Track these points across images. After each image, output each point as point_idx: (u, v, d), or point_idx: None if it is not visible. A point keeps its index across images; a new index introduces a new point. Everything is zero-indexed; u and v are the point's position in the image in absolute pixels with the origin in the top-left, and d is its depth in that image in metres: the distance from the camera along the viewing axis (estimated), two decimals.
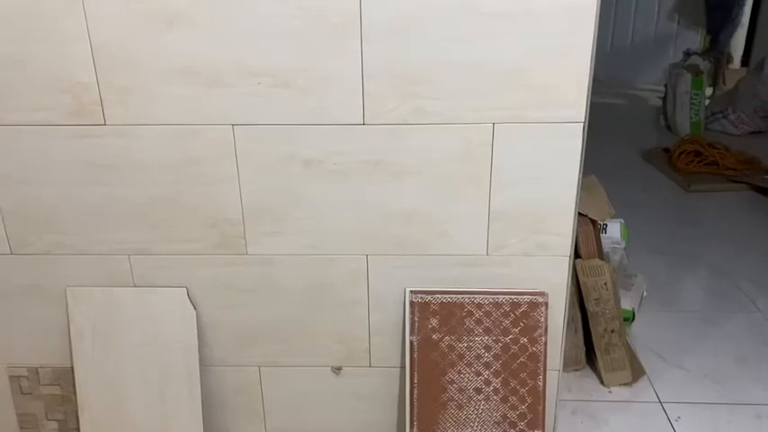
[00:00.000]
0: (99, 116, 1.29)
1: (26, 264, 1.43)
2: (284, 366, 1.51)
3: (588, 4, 1.18)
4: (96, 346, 1.46)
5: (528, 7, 1.18)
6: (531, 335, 1.39)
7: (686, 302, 2.28)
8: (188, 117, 1.29)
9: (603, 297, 1.78)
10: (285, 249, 1.40)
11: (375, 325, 1.46)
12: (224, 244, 1.39)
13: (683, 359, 1.95)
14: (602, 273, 1.77)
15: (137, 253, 1.41)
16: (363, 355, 1.49)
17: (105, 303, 1.44)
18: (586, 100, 1.25)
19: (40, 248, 1.41)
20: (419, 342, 1.41)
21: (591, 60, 1.22)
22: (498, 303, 1.38)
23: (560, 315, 1.42)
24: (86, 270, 1.43)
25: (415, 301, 1.39)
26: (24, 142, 1.32)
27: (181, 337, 1.44)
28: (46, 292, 1.45)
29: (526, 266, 1.38)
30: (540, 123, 1.27)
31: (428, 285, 1.40)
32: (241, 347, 1.49)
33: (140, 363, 1.47)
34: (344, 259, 1.41)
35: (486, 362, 1.41)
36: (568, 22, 1.19)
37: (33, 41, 1.24)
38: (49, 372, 1.52)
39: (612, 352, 1.81)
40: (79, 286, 1.44)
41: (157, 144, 1.31)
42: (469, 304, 1.38)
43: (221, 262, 1.41)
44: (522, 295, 1.38)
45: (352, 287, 1.43)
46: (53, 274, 1.44)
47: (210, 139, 1.31)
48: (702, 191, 3.21)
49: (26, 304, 1.47)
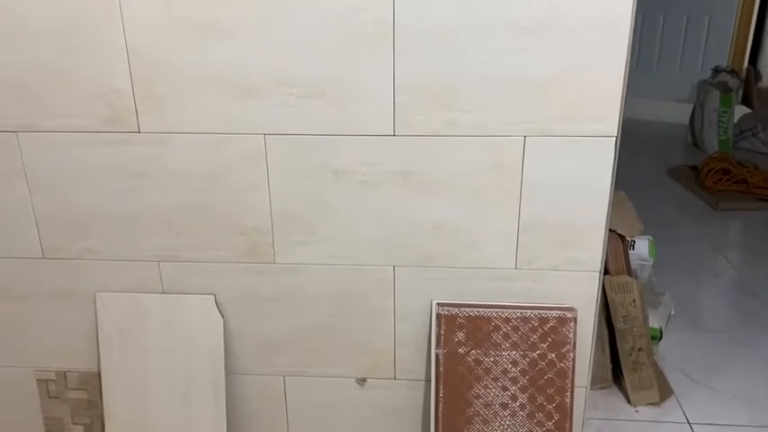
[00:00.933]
0: (133, 123, 1.31)
1: (57, 268, 1.45)
2: (309, 376, 1.50)
3: (622, 19, 1.17)
4: (123, 352, 1.47)
5: (562, 21, 1.18)
6: (558, 350, 1.37)
7: (715, 321, 2.24)
8: (220, 126, 1.30)
9: (632, 314, 1.75)
10: (313, 259, 1.40)
11: (401, 337, 1.45)
12: (252, 252, 1.40)
13: (712, 379, 1.91)
14: (631, 290, 1.75)
15: (166, 260, 1.42)
16: (388, 367, 1.48)
17: (134, 309, 1.45)
18: (619, 114, 1.25)
19: (71, 253, 1.43)
20: (445, 355, 1.40)
21: (624, 74, 1.22)
22: (526, 318, 1.37)
23: (589, 331, 1.40)
24: (116, 276, 1.44)
25: (441, 313, 1.38)
26: (59, 148, 1.34)
27: (208, 344, 1.45)
28: (76, 297, 1.47)
29: (555, 281, 1.37)
30: (572, 137, 1.26)
31: (455, 298, 1.39)
32: (267, 356, 1.49)
33: (167, 369, 1.47)
34: (372, 270, 1.40)
35: (512, 377, 1.39)
36: (602, 36, 1.19)
37: (70, 49, 1.26)
38: (77, 376, 1.54)
39: (640, 370, 1.79)
40: (108, 292, 1.45)
41: (190, 152, 1.33)
42: (497, 318, 1.37)
43: (250, 270, 1.42)
44: (551, 310, 1.36)
45: (378, 298, 1.43)
46: (83, 279, 1.45)
47: (242, 147, 1.32)
48: (731, 209, 3.17)
49: (56, 308, 1.49)
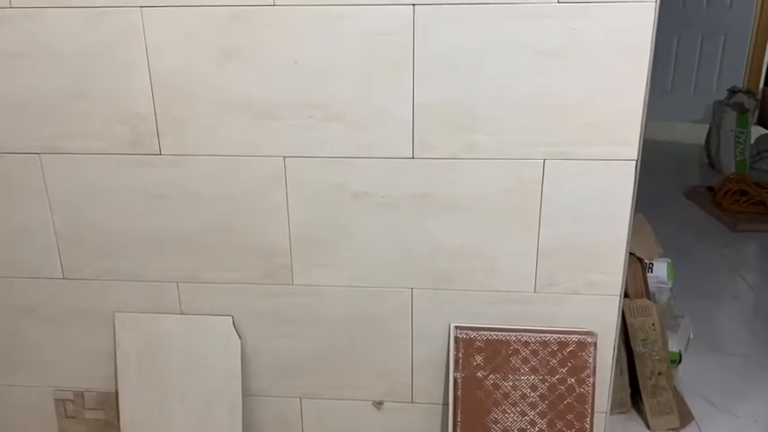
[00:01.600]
0: (155, 146, 1.32)
1: (77, 288, 1.46)
2: (326, 399, 1.50)
3: (643, 45, 1.18)
4: (141, 372, 1.48)
5: (583, 46, 1.18)
6: (578, 375, 1.36)
7: (735, 345, 2.21)
8: (241, 148, 1.31)
9: (651, 338, 1.73)
10: (331, 281, 1.40)
11: (418, 360, 1.45)
12: (271, 274, 1.40)
13: (733, 404, 1.88)
14: (650, 313, 1.73)
15: (185, 280, 1.43)
16: (405, 390, 1.47)
17: (152, 330, 1.45)
18: (639, 138, 1.24)
19: (91, 274, 1.44)
20: (463, 379, 1.39)
21: (645, 98, 1.22)
22: (545, 342, 1.36)
23: (609, 356, 1.39)
24: (135, 296, 1.45)
25: (460, 336, 1.38)
26: (82, 170, 1.36)
27: (225, 365, 1.45)
28: (94, 317, 1.48)
29: (575, 305, 1.36)
30: (592, 160, 1.26)
31: (474, 321, 1.39)
32: (283, 378, 1.49)
33: (184, 390, 1.47)
34: (390, 292, 1.40)
35: (531, 402, 1.38)
36: (623, 61, 1.19)
37: (95, 73, 1.28)
38: (94, 396, 1.54)
39: (659, 395, 1.76)
40: (127, 312, 1.46)
41: (210, 174, 1.34)
42: (516, 342, 1.36)
43: (268, 292, 1.42)
44: (571, 334, 1.35)
45: (396, 320, 1.42)
46: (102, 299, 1.46)
47: (262, 170, 1.33)
48: (749, 231, 3.14)
49: (75, 328, 1.50)
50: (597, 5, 1.16)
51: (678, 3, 4.87)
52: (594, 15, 1.17)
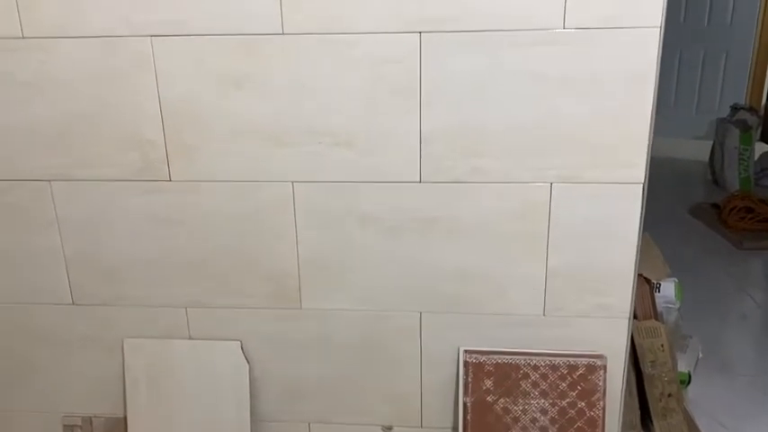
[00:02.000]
0: (164, 172, 1.33)
1: (86, 314, 1.46)
2: (335, 423, 1.49)
3: (648, 69, 1.19)
4: (150, 398, 1.47)
5: (589, 71, 1.19)
6: (588, 399, 1.35)
7: (744, 365, 2.19)
8: (250, 174, 1.32)
9: (660, 359, 1.72)
10: (339, 304, 1.40)
11: (427, 384, 1.44)
12: (279, 298, 1.41)
13: (743, 426, 1.86)
14: (659, 334, 1.72)
15: (194, 305, 1.43)
16: (415, 415, 1.47)
17: (161, 355, 1.45)
18: (646, 161, 1.25)
19: (100, 299, 1.45)
20: (473, 404, 1.38)
21: (651, 122, 1.22)
22: (555, 366, 1.35)
23: (619, 379, 1.39)
24: (144, 321, 1.45)
25: (469, 361, 1.37)
26: (91, 197, 1.37)
27: (233, 390, 1.45)
28: (103, 343, 1.48)
29: (584, 328, 1.36)
30: (599, 183, 1.26)
31: (483, 345, 1.39)
32: (292, 402, 1.48)
33: (192, 415, 1.47)
34: (398, 316, 1.40)
35: (542, 425, 1.37)
36: (629, 85, 1.20)
37: (105, 101, 1.30)
38: (103, 422, 1.54)
39: (670, 417, 1.75)
40: (136, 337, 1.46)
41: (219, 199, 1.34)
42: (525, 366, 1.36)
43: (276, 316, 1.42)
44: (580, 358, 1.35)
45: (404, 345, 1.42)
46: (111, 324, 1.46)
47: (270, 194, 1.33)
48: (755, 248, 3.13)
49: (84, 354, 1.50)
50: (602, 31, 1.17)
51: (679, 20, 4.90)
52: (600, 41, 1.18)
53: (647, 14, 1.16)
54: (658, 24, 1.16)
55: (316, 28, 1.21)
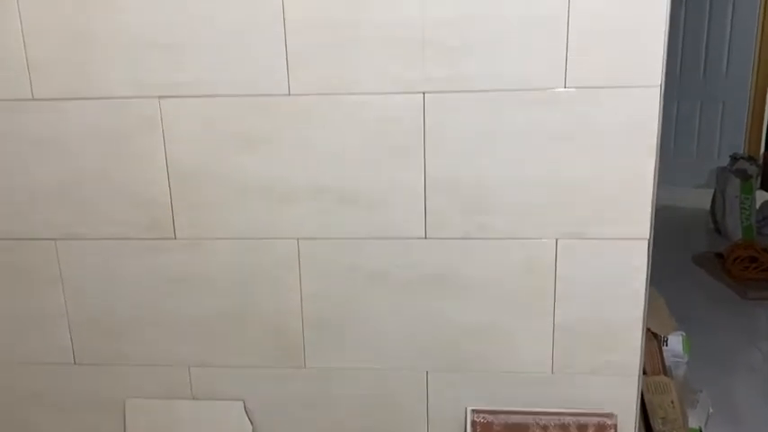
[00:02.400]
0: (170, 231, 1.33)
1: (88, 374, 1.44)
2: None
3: (650, 127, 1.20)
4: None
5: (591, 129, 1.21)
6: None
7: (754, 420, 2.15)
8: (254, 231, 1.32)
9: (670, 416, 1.69)
10: (344, 363, 1.39)
11: None
12: (283, 356, 1.39)
13: None
14: (669, 390, 1.69)
15: (197, 365, 1.41)
16: None
17: (164, 416, 1.43)
18: (651, 216, 1.25)
19: (102, 359, 1.43)
20: None
21: (654, 179, 1.23)
22: (565, 425, 1.33)
23: None
24: (146, 381, 1.43)
25: (477, 420, 1.35)
26: (96, 256, 1.37)
27: None
28: (105, 403, 1.46)
29: (593, 385, 1.33)
30: (605, 240, 1.26)
31: (491, 404, 1.36)
32: None
33: None
34: (404, 374, 1.38)
35: None
36: (631, 143, 1.21)
37: (111, 161, 1.31)
38: None
39: None
40: (138, 398, 1.44)
41: (224, 258, 1.34)
42: (535, 425, 1.33)
43: (279, 375, 1.40)
44: (590, 416, 1.32)
45: (411, 404, 1.40)
46: (113, 384, 1.44)
47: (275, 252, 1.33)
48: (760, 298, 3.11)
49: (84, 414, 1.47)
50: (604, 90, 1.19)
51: (675, 71, 4.99)
52: (602, 99, 1.20)
53: (647, 74, 1.18)
54: (658, 83, 1.18)
55: (321, 89, 1.23)
